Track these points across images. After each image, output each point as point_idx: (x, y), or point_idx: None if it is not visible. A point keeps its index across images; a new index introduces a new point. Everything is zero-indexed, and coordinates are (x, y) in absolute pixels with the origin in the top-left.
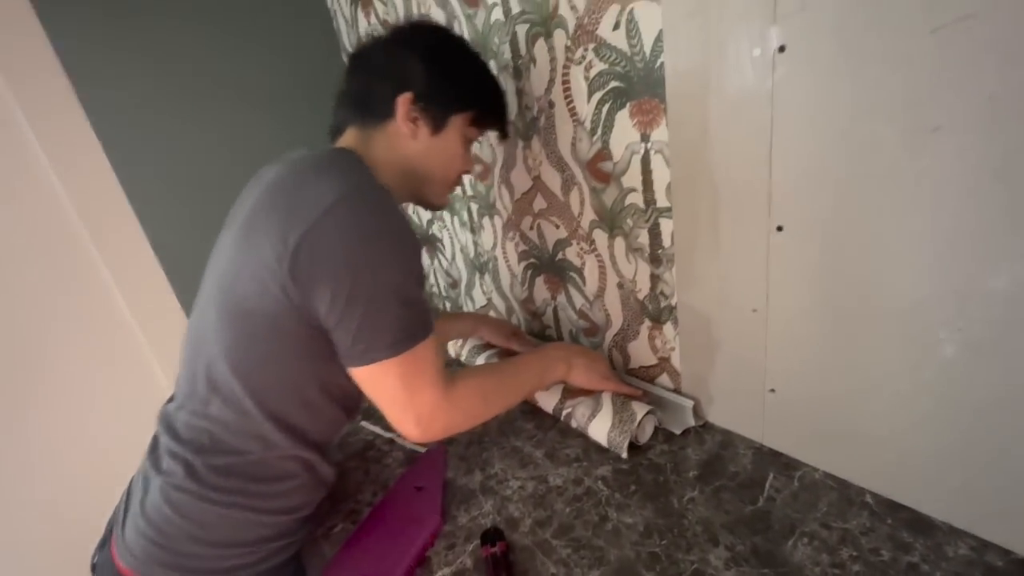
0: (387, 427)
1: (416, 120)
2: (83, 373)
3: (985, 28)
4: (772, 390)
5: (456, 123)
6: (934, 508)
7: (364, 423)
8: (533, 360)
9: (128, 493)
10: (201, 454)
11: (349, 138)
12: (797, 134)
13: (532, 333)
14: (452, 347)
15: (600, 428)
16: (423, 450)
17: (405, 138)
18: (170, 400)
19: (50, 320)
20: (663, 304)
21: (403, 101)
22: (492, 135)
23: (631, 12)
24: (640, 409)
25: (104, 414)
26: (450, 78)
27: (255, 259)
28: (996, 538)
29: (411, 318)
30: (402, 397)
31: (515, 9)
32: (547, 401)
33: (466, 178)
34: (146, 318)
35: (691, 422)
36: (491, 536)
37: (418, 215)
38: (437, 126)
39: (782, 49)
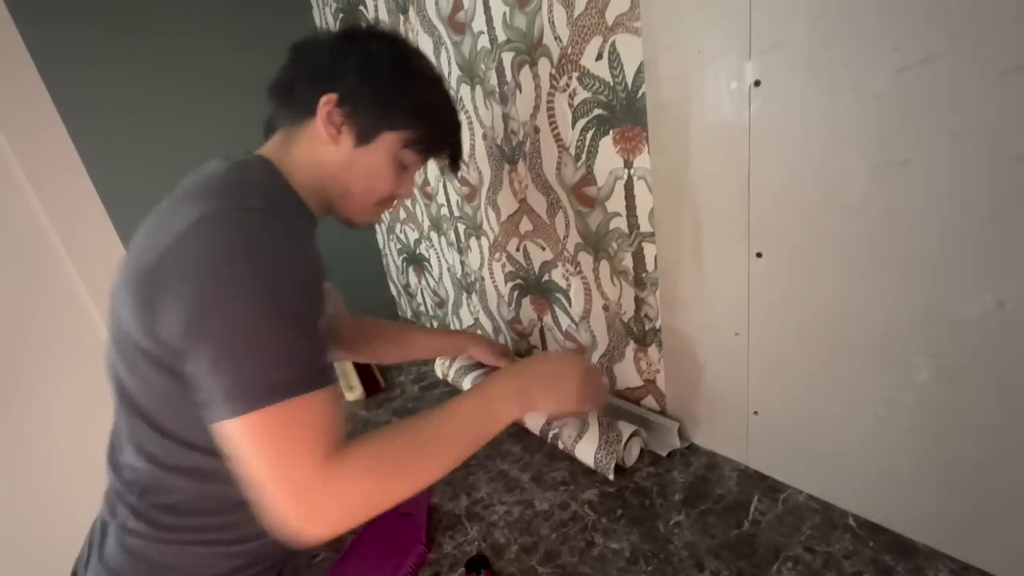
0: None
1: (340, 126)
2: (56, 384)
3: (946, 70)
4: (756, 412)
5: (387, 140)
6: (915, 531)
7: None
8: (467, 405)
9: (89, 538)
10: (145, 495)
11: (276, 139)
12: (773, 165)
13: (519, 353)
14: (440, 367)
15: (587, 450)
16: None
17: (324, 142)
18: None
19: (21, 328)
20: (648, 327)
21: (325, 100)
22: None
23: (613, 44)
24: (626, 430)
25: (77, 427)
26: (387, 89)
27: (128, 294)
28: (977, 561)
29: (283, 365)
30: (265, 469)
31: (501, 37)
32: (534, 422)
33: (453, 199)
34: None
35: (676, 444)
36: (476, 564)
37: (405, 234)
38: (363, 137)
39: (757, 83)
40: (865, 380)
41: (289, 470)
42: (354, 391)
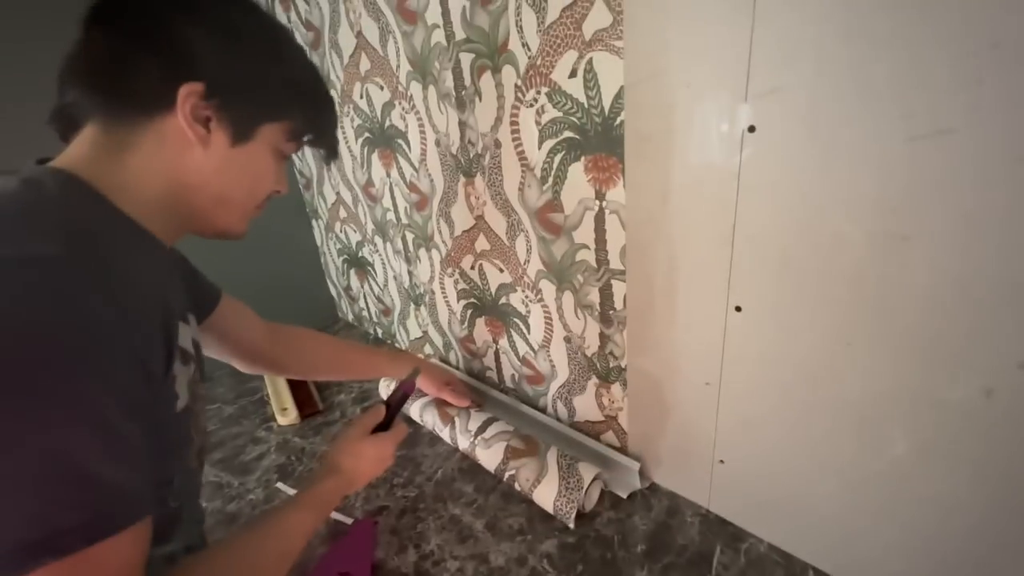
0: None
1: (209, 121)
2: None
3: (964, 145)
4: (721, 461)
5: (267, 133)
6: None
7: (280, 484)
8: (299, 513)
9: None
10: None
11: (84, 140)
12: (762, 217)
13: (472, 373)
14: (384, 387)
15: (546, 496)
16: (349, 521)
17: (188, 145)
18: None
19: None
20: (612, 364)
21: (188, 93)
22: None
23: (590, 61)
24: (587, 474)
25: None
26: (264, 73)
27: None
28: None
29: (76, 499)
30: None
31: (459, 34)
32: (489, 460)
33: (401, 205)
34: None
35: (637, 485)
36: None
37: (346, 234)
38: (241, 134)
39: (752, 129)
40: (837, 444)
41: None
42: (287, 414)
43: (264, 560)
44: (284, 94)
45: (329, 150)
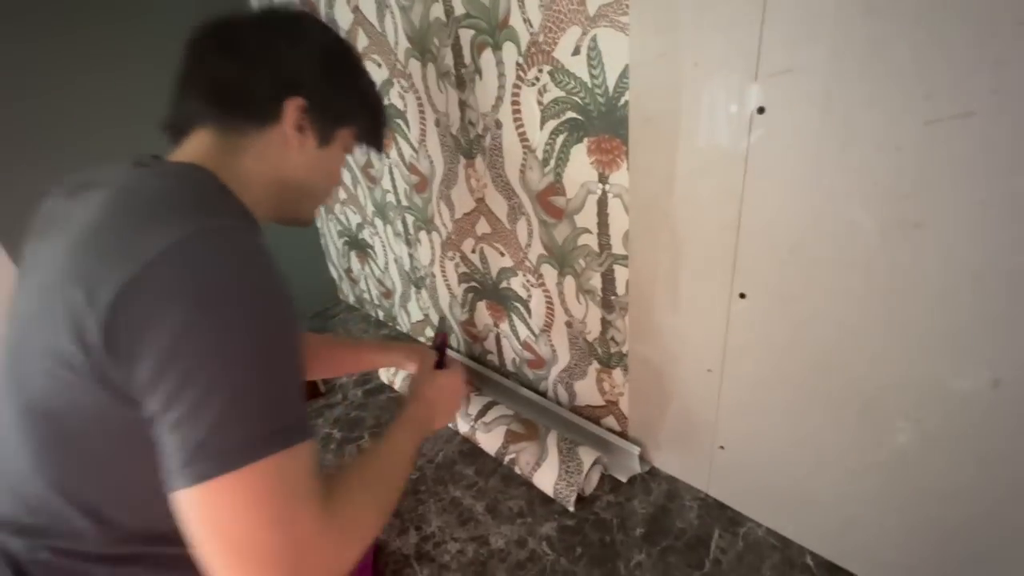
0: None
1: (303, 129)
2: None
3: (984, 129)
4: (722, 447)
5: (343, 137)
6: (873, 575)
7: None
8: (401, 432)
9: None
10: None
11: (200, 143)
12: (770, 203)
13: (473, 357)
14: (385, 373)
15: (546, 479)
16: None
17: (288, 148)
18: None
19: None
20: (613, 350)
21: (294, 106)
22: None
23: (594, 39)
24: (587, 458)
25: None
26: (347, 87)
27: (52, 331)
28: None
29: (277, 411)
30: (262, 531)
31: (458, 10)
32: (490, 444)
33: (401, 187)
34: None
35: (637, 469)
36: None
37: (346, 216)
38: (325, 138)
39: (761, 110)
40: (840, 433)
41: (294, 525)
42: None
43: (391, 472)
44: (357, 104)
45: (379, 148)
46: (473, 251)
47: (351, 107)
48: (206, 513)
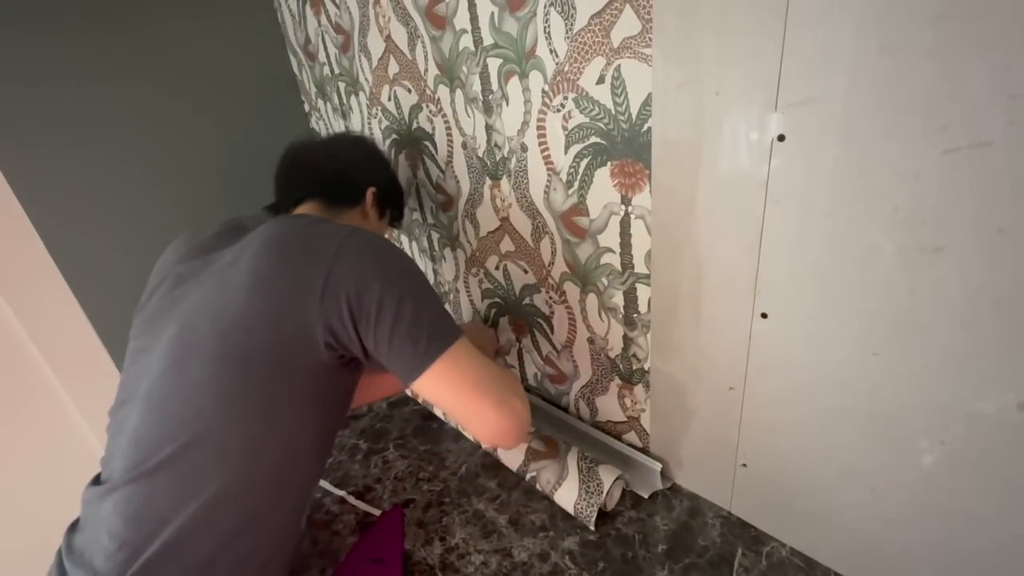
0: (337, 483)
1: (374, 207)
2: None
3: (1001, 159)
4: (744, 465)
5: (387, 212)
6: None
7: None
8: (484, 336)
9: None
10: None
11: (312, 209)
12: (790, 227)
13: None
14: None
15: (567, 497)
16: (378, 513)
17: (366, 219)
18: (97, 482)
19: None
20: (635, 367)
21: (373, 193)
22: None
23: (618, 68)
24: (608, 477)
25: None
26: (394, 182)
27: (275, 306)
28: None
29: (448, 315)
30: (486, 370)
31: (487, 40)
32: (511, 460)
33: (427, 205)
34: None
35: (659, 486)
36: None
37: None
38: (382, 212)
39: (781, 138)
40: (864, 453)
41: (495, 366)
42: None
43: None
44: (394, 189)
45: (400, 219)
46: (497, 268)
47: (393, 191)
48: (453, 374)
